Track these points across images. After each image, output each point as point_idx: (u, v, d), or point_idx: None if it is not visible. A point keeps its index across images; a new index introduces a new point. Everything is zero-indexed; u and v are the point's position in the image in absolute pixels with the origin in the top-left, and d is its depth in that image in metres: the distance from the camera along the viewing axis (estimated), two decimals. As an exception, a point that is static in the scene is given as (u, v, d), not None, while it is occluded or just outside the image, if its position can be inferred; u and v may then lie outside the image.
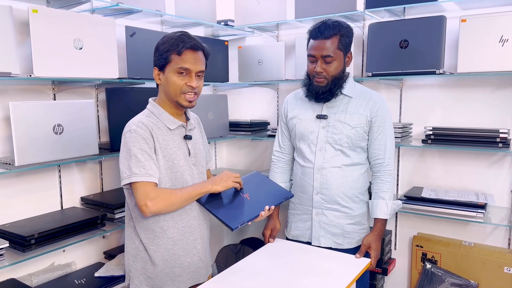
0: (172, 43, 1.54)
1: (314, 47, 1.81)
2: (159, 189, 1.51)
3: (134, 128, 1.52)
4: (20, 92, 1.95)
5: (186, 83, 1.55)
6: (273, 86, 3.01)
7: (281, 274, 1.58)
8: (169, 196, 1.51)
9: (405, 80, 2.49)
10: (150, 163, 1.51)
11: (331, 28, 1.78)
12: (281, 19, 2.62)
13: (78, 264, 2.20)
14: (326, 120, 1.89)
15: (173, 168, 1.58)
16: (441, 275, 2.31)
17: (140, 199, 1.47)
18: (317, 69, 1.81)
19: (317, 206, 1.91)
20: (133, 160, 1.48)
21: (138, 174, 1.48)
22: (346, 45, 1.83)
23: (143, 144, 1.51)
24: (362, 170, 1.92)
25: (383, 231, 1.91)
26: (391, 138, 1.91)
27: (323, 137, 1.89)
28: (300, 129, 1.95)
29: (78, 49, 1.91)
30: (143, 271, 1.61)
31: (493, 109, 2.25)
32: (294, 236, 2.02)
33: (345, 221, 1.90)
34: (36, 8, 1.75)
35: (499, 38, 2.01)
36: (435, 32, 2.16)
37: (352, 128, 1.85)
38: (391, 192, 1.90)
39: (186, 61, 1.54)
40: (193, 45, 1.55)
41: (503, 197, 2.27)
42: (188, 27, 2.72)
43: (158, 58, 1.57)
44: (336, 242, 1.90)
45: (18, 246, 1.75)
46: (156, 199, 1.47)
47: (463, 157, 2.35)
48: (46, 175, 2.07)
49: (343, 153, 1.87)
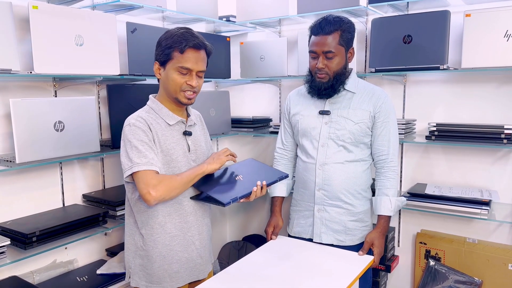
0: (175, 40, 1.53)
1: (315, 43, 1.80)
2: (160, 175, 1.51)
3: (133, 121, 1.54)
4: (20, 89, 1.94)
5: (186, 82, 1.56)
6: (275, 82, 3.00)
7: (283, 271, 1.58)
8: (170, 181, 1.51)
9: (409, 76, 2.47)
10: (151, 153, 1.52)
11: (332, 24, 1.77)
12: (283, 14, 2.60)
13: (80, 261, 2.19)
14: (328, 116, 1.88)
15: (170, 164, 1.58)
16: (444, 272, 2.29)
17: (143, 187, 1.47)
18: (318, 65, 1.80)
19: (319, 202, 1.90)
20: (134, 151, 1.49)
21: (140, 164, 1.48)
22: (348, 40, 1.82)
23: (143, 136, 1.52)
24: (365, 166, 1.91)
25: (387, 228, 1.89)
26: (395, 134, 1.89)
27: (326, 133, 1.87)
28: (303, 125, 1.94)
29: (79, 45, 1.90)
30: (142, 268, 1.62)
31: (498, 105, 2.23)
32: (296, 233, 2.01)
33: (347, 218, 1.88)
34: (36, 5, 1.74)
35: (504, 33, 1.99)
36: (439, 27, 2.14)
37: (355, 123, 1.84)
38: (394, 188, 1.88)
39: (188, 60, 1.53)
40: (196, 44, 1.54)
41: (508, 194, 2.25)
42: (189, 23, 2.70)
43: (160, 53, 1.57)
44: (337, 239, 1.89)
45: (20, 244, 1.75)
46: (158, 186, 1.47)
47: (467, 153, 2.33)
48: (48, 172, 2.06)
49: (345, 149, 1.86)
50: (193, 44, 1.53)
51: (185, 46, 1.52)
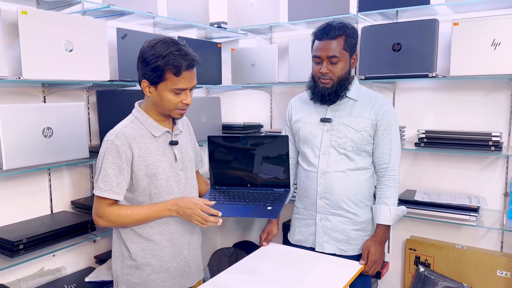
0: (168, 61, 1.46)
1: (319, 48, 1.79)
2: (110, 209, 1.52)
3: (112, 139, 1.51)
4: (8, 95, 1.92)
5: (182, 101, 1.54)
6: (266, 89, 3.00)
7: (272, 277, 1.57)
8: (117, 218, 1.53)
9: (398, 83, 2.49)
10: (119, 178, 1.51)
11: (337, 29, 1.76)
12: (274, 21, 2.62)
13: (68, 269, 2.17)
14: (330, 124, 1.86)
15: (157, 176, 1.56)
16: (434, 278, 2.31)
17: (93, 211, 1.55)
18: (322, 70, 1.78)
19: (321, 211, 1.88)
20: (102, 173, 1.51)
21: (102, 189, 1.50)
22: (352, 46, 1.81)
23: (116, 158, 1.50)
24: (367, 174, 1.88)
25: (384, 237, 1.86)
26: (397, 142, 1.87)
27: (327, 141, 1.85)
28: (304, 133, 1.92)
29: (69, 51, 1.89)
30: (130, 276, 1.60)
31: (486, 112, 2.26)
32: (297, 241, 1.98)
33: (350, 227, 1.86)
34: (26, 10, 1.72)
35: (491, 41, 2.01)
36: (427, 35, 2.17)
37: (357, 131, 1.82)
38: (395, 197, 1.86)
39: (183, 81, 1.50)
40: (189, 64, 1.50)
41: (496, 200, 2.27)
42: (180, 29, 2.70)
43: (150, 73, 1.49)
44: (340, 248, 1.86)
45: (6, 252, 1.72)
46: (103, 217, 1.53)
47: (456, 160, 2.36)
48: (36, 179, 2.04)
49: (347, 157, 1.84)
50: (187, 65, 1.49)
51: (180, 69, 1.47)
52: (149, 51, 1.49)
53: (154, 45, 1.50)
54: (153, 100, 1.56)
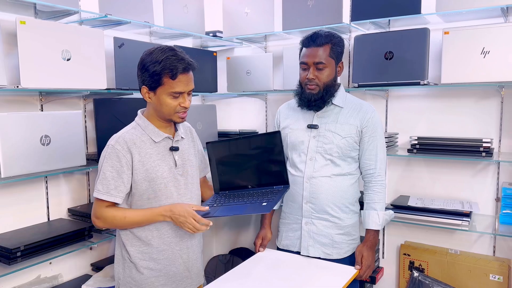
0: (164, 66, 1.52)
1: (306, 55, 1.85)
2: (106, 210, 1.57)
3: (113, 143, 1.57)
4: (7, 103, 1.94)
5: (180, 104, 1.58)
6: (261, 96, 3.04)
7: (269, 284, 1.59)
8: (112, 220, 1.58)
9: (391, 91, 2.54)
10: (117, 181, 1.55)
11: (323, 37, 1.83)
12: (269, 30, 2.65)
13: (65, 277, 2.17)
14: (316, 130, 1.91)
15: (156, 180, 1.60)
16: (428, 283, 2.33)
17: (92, 212, 1.61)
18: (309, 76, 1.84)
19: (306, 215, 1.92)
20: (101, 176, 1.56)
21: (100, 191, 1.55)
22: (338, 54, 1.87)
23: (115, 162, 1.55)
24: (352, 180, 1.93)
25: (374, 241, 1.90)
26: (382, 148, 1.92)
27: (314, 147, 1.90)
28: (291, 139, 1.97)
29: (66, 60, 1.91)
30: (130, 279, 1.63)
31: (476, 119, 2.30)
32: (284, 246, 2.02)
33: (334, 231, 1.90)
34: (24, 20, 1.75)
35: (481, 50, 2.06)
36: (419, 44, 2.21)
37: (343, 138, 1.87)
38: (382, 202, 1.91)
39: (180, 84, 1.55)
40: (185, 68, 1.55)
41: (488, 205, 2.31)
42: (176, 38, 2.74)
43: (148, 78, 1.55)
44: (325, 252, 1.90)
45: (4, 259, 1.73)
46: (100, 219, 1.58)
47: (448, 166, 2.39)
48: (33, 187, 2.05)
49: (333, 162, 1.88)
50: (182, 69, 1.54)
51: (177, 73, 1.53)
52: (147, 58, 1.56)
53: (152, 52, 1.57)
54: (153, 105, 1.61)
